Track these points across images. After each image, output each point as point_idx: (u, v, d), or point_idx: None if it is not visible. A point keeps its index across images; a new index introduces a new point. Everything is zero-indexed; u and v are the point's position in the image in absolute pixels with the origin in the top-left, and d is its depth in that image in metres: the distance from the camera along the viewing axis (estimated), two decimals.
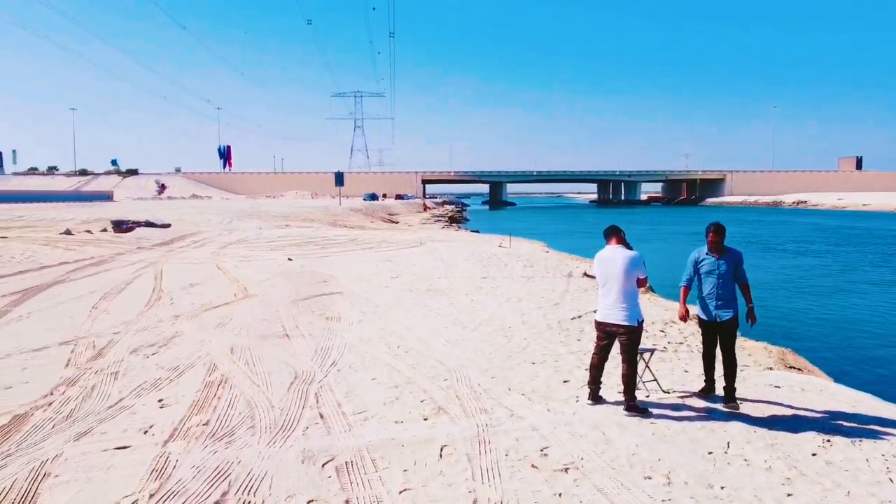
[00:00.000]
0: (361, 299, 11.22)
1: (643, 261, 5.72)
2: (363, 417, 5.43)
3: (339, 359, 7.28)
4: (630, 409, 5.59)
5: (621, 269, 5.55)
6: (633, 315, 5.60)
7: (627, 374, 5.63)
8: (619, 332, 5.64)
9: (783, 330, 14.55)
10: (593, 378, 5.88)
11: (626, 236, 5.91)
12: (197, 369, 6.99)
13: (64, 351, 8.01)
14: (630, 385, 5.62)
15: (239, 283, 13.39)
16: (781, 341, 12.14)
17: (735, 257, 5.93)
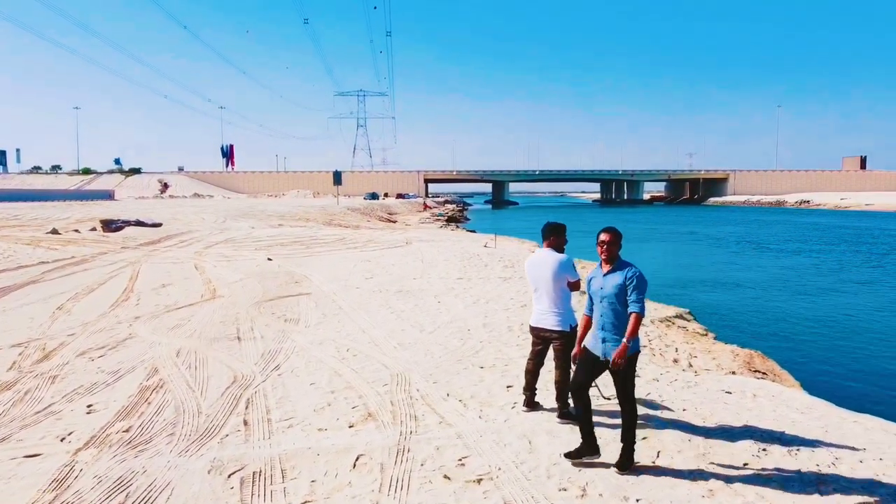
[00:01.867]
0: (328, 300, 11.09)
1: (572, 263, 5.53)
2: (288, 424, 5.30)
3: (283, 363, 7.15)
4: (563, 417, 5.44)
5: (550, 273, 5.39)
6: (566, 320, 5.44)
7: (560, 381, 5.47)
8: (552, 337, 5.48)
9: (764, 331, 14.37)
10: (528, 384, 5.73)
11: (563, 237, 5.71)
12: (137, 373, 6.87)
13: (12, 354, 7.90)
14: (562, 391, 5.46)
15: (211, 283, 13.27)
16: (756, 343, 11.98)
17: (625, 274, 4.52)
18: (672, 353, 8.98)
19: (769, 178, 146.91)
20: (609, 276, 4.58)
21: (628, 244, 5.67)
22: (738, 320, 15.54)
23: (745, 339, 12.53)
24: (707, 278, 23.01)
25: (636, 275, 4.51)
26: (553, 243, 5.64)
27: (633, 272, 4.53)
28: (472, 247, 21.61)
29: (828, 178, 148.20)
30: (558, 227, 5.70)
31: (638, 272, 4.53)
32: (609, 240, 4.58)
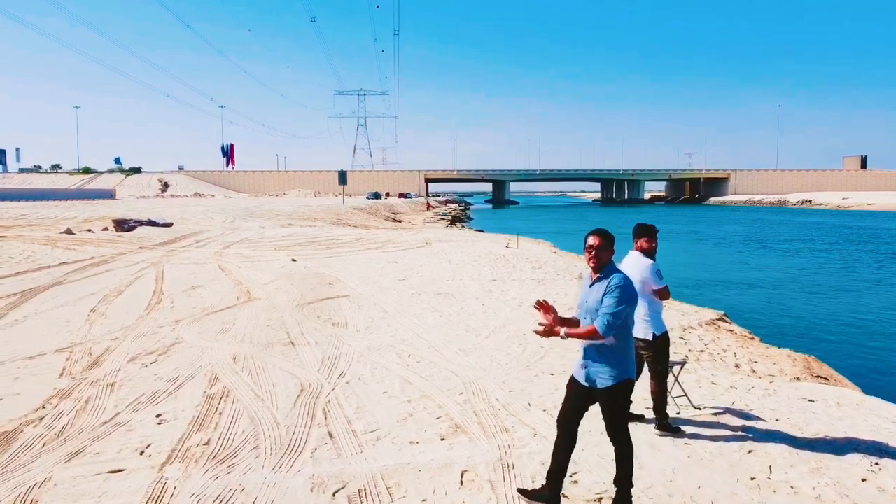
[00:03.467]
0: (369, 303, 10.84)
1: (657, 270, 5.26)
2: (375, 437, 5.05)
3: (347, 369, 6.90)
4: (662, 428, 5.21)
5: (637, 279, 5.16)
6: (650, 328, 5.20)
7: (654, 391, 5.25)
8: (638, 346, 5.24)
9: (799, 332, 14.16)
10: None
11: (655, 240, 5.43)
12: (197, 380, 6.62)
13: (59, 359, 7.66)
14: (661, 402, 5.23)
15: (242, 285, 13.02)
16: (796, 345, 11.77)
17: (608, 282, 3.82)
18: (731, 357, 8.76)
19: (770, 178, 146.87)
20: (594, 287, 3.85)
21: (628, 244, 5.46)
22: (768, 322, 15.31)
23: (786, 341, 12.32)
24: (722, 279, 22.82)
25: (619, 284, 3.73)
26: (643, 246, 5.38)
27: (616, 279, 3.76)
28: (493, 247, 21.37)
29: (829, 177, 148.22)
30: (650, 229, 5.42)
31: (622, 279, 3.77)
32: (598, 244, 3.83)
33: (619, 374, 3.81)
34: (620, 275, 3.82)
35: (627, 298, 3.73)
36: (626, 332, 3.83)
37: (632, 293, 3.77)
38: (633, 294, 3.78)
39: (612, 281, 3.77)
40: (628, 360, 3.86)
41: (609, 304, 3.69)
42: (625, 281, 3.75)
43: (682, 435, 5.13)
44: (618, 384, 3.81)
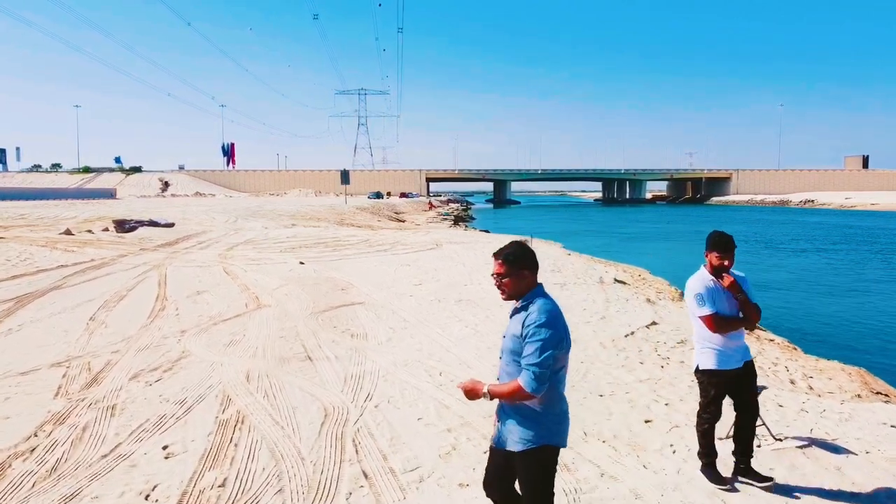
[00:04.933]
0: (387, 311, 10.15)
1: (700, 294, 4.33)
2: (417, 477, 4.37)
3: (374, 390, 6.21)
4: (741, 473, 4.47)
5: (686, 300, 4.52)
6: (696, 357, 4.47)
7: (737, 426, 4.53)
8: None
9: (834, 340, 13.49)
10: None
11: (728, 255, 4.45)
12: (208, 403, 5.94)
13: (55, 375, 6.98)
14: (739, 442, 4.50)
15: (249, 290, 12.34)
16: (845, 356, 11.10)
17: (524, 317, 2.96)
18: (784, 372, 8.08)
19: (771, 178, 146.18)
20: (513, 319, 2.93)
21: (634, 244, 4.71)
22: (798, 328, 14.63)
23: (828, 350, 11.64)
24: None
25: (540, 321, 2.77)
26: (711, 262, 4.45)
27: (535, 314, 2.80)
28: None
29: (830, 177, 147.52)
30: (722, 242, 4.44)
31: (544, 312, 2.80)
32: (501, 272, 2.91)
33: (536, 438, 2.85)
34: (544, 305, 2.83)
35: (554, 340, 2.76)
36: (554, 382, 2.86)
37: (559, 330, 2.80)
38: (560, 332, 2.81)
39: (531, 315, 2.79)
40: (551, 420, 2.89)
41: (530, 351, 2.74)
42: (548, 315, 2.78)
43: (769, 483, 4.34)
44: (532, 450, 2.86)
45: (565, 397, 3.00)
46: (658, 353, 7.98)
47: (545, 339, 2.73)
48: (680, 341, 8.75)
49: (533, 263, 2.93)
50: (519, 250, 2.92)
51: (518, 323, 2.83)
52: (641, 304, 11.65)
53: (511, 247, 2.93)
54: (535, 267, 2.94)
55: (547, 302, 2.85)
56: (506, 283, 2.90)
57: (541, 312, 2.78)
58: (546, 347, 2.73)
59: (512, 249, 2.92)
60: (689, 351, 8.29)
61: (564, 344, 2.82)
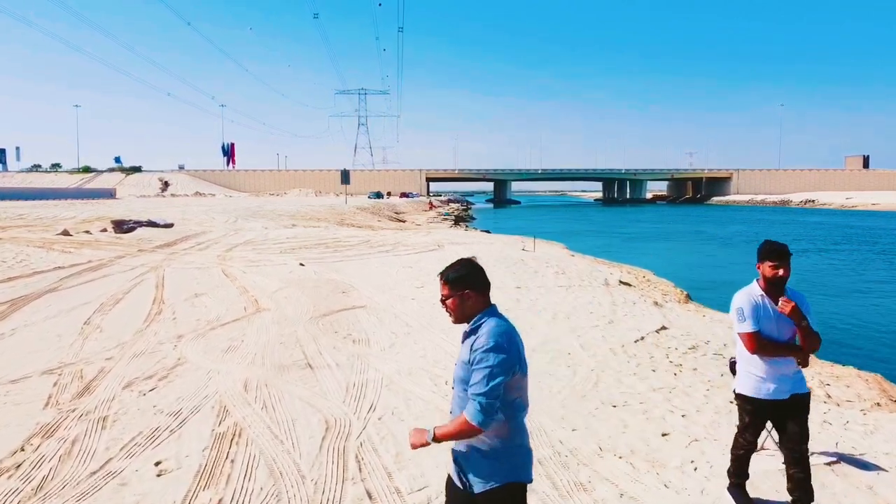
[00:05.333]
0: (389, 315, 9.90)
1: (741, 308, 3.86)
2: (425, 498, 4.12)
3: (377, 401, 5.96)
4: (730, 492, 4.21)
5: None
6: (735, 380, 4.08)
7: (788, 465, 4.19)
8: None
9: (844, 343, 13.24)
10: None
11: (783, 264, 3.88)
12: (204, 414, 5.68)
13: (46, 383, 6.73)
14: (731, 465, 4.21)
15: (249, 293, 12.08)
16: (859, 361, 10.85)
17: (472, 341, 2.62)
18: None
19: (772, 178, 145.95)
20: (464, 344, 2.61)
21: (635, 244, 4.43)
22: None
23: (841, 355, 11.38)
24: (739, 281, 21.89)
25: (487, 346, 2.47)
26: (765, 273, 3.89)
27: (483, 337, 2.50)
28: (508, 250, 20.43)
29: (831, 177, 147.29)
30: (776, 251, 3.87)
31: (492, 335, 2.50)
32: (444, 292, 2.66)
33: (499, 475, 2.55)
34: (495, 327, 2.53)
35: (504, 365, 2.45)
36: (510, 412, 2.53)
37: (510, 355, 2.48)
38: (512, 356, 2.49)
39: (479, 339, 2.50)
40: (514, 453, 2.57)
41: (477, 379, 2.44)
42: (498, 338, 2.48)
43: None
44: (496, 489, 2.55)
45: (526, 429, 2.64)
46: (670, 360, 7.73)
47: (493, 366, 2.43)
48: (691, 347, 8.50)
49: (478, 282, 2.62)
50: (462, 269, 2.63)
51: (467, 348, 2.54)
52: (649, 307, 11.40)
53: (455, 265, 2.66)
54: (480, 286, 2.63)
55: (499, 323, 2.55)
56: (449, 305, 2.63)
57: (490, 335, 2.49)
58: (494, 374, 2.43)
59: (454, 268, 2.65)
60: (700, 357, 8.05)
61: (518, 369, 2.50)
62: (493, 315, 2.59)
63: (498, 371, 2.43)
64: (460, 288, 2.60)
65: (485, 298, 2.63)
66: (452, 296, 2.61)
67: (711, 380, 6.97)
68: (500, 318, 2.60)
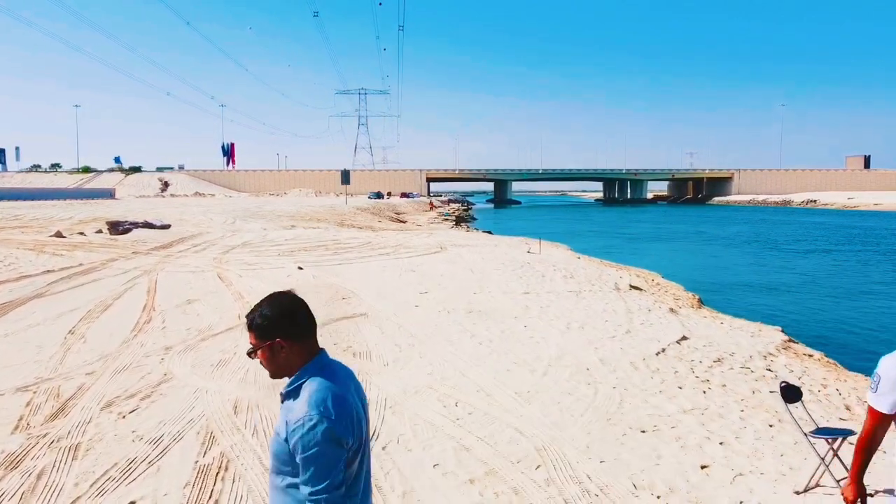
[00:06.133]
0: (392, 325, 9.32)
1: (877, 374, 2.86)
2: None
3: (380, 426, 5.38)
4: None
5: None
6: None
7: None
8: None
9: (863, 350, 12.71)
10: None
11: None
12: (188, 442, 5.10)
13: (18, 402, 6.16)
14: None
15: (243, 299, 11.51)
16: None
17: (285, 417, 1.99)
18: (836, 396, 7.24)
19: (773, 178, 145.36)
20: (281, 410, 2.02)
21: (637, 244, 3.90)
22: (824, 337, 13.81)
23: (863, 364, 10.83)
24: (745, 282, 21.54)
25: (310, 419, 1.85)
26: None
27: (303, 408, 1.88)
28: (514, 253, 19.85)
29: (832, 177, 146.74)
30: None
31: (316, 405, 1.87)
32: (251, 342, 2.02)
33: None
34: (315, 391, 1.90)
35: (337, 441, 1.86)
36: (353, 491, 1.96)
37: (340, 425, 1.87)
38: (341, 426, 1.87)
39: (296, 410, 1.89)
40: None
41: (307, 474, 1.84)
42: (319, 408, 1.85)
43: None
44: None
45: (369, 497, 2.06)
46: (696, 375, 7.15)
47: (323, 453, 1.82)
48: (716, 360, 7.93)
49: (293, 327, 1.98)
50: (270, 310, 1.98)
51: (282, 419, 1.92)
52: (665, 314, 10.82)
53: (262, 303, 2.01)
54: (297, 332, 1.99)
55: (323, 384, 1.91)
56: (260, 358, 2.00)
57: (310, 405, 1.85)
58: (328, 462, 1.83)
59: (260, 308, 1.99)
60: (727, 371, 7.48)
61: (353, 438, 1.90)
62: (316, 371, 1.96)
63: (331, 455, 1.83)
64: (269, 336, 1.96)
65: (305, 347, 2.00)
66: (260, 347, 1.97)
67: (745, 398, 6.40)
68: (326, 374, 1.96)
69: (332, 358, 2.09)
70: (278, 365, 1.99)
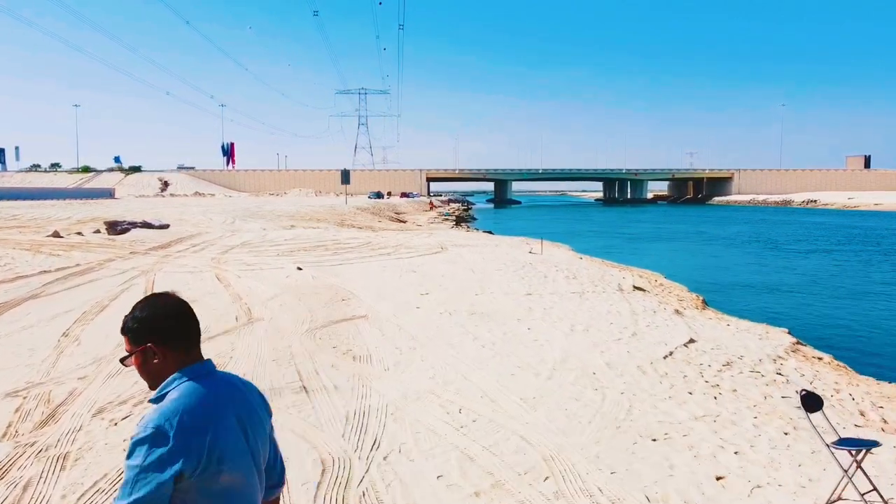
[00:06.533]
0: (392, 326, 9.12)
1: None
2: None
3: (381, 434, 5.18)
4: None
5: None
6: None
7: None
8: None
9: (874, 353, 12.52)
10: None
11: None
12: None
13: (7, 408, 5.97)
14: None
15: (242, 300, 11.31)
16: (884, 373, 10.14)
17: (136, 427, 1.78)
18: (849, 401, 7.05)
19: (773, 178, 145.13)
20: None
21: (638, 244, 3.73)
22: (832, 338, 13.62)
23: (873, 368, 10.63)
24: (747, 282, 21.40)
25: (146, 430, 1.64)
26: None
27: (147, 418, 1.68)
28: (515, 253, 19.65)
29: (832, 177, 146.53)
30: None
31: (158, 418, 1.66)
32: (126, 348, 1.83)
33: None
34: (173, 401, 1.70)
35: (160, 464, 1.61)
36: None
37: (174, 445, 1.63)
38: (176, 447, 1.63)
39: (139, 424, 1.67)
40: None
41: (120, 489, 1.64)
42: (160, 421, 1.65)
43: None
44: None
45: None
46: (705, 380, 6.96)
47: (140, 468, 1.60)
48: (725, 363, 7.74)
49: (169, 331, 1.78)
50: (143, 313, 1.79)
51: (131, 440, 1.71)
52: (670, 316, 10.63)
53: (138, 306, 1.82)
54: (172, 336, 1.79)
55: (183, 395, 1.71)
56: (134, 366, 1.80)
57: (154, 415, 1.66)
58: (142, 483, 1.59)
59: (134, 311, 1.81)
60: (737, 375, 7.29)
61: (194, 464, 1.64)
62: (188, 379, 1.75)
63: (150, 471, 1.60)
64: (141, 340, 1.77)
65: (182, 355, 1.79)
66: (133, 352, 1.79)
67: (757, 404, 6.20)
68: (199, 384, 1.75)
69: (222, 371, 1.87)
70: (151, 374, 1.78)
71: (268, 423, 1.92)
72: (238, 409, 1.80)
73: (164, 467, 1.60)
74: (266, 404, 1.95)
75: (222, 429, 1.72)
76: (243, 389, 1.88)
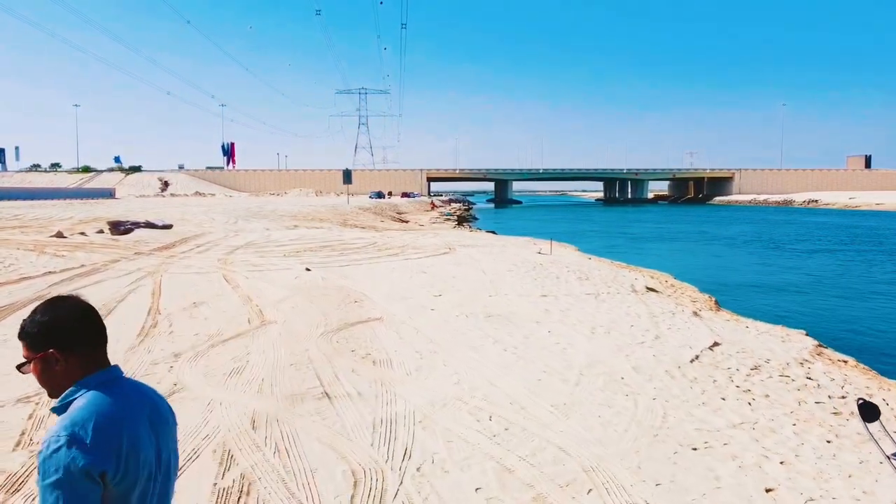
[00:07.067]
0: (409, 329, 8.92)
1: None
2: None
3: (412, 443, 4.98)
4: None
5: None
6: None
7: None
8: None
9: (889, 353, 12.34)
10: None
11: None
12: (204, 461, 4.71)
13: (20, 415, 5.78)
14: None
15: (252, 302, 11.11)
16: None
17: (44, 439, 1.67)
18: (884, 407, 6.84)
19: (774, 177, 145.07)
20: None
21: (641, 244, 3.54)
22: (850, 339, 13.44)
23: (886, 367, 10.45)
24: (754, 283, 21.24)
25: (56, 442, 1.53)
26: None
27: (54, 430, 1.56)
28: (524, 253, 19.45)
29: (833, 176, 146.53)
30: None
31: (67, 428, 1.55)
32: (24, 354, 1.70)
33: None
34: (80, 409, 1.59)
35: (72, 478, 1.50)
36: None
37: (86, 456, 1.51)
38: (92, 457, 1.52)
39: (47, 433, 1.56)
40: None
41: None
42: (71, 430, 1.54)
43: None
44: None
45: None
46: (736, 385, 6.77)
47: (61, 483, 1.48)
48: (753, 367, 7.54)
49: (71, 336, 1.67)
50: (43, 317, 1.68)
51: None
52: (690, 318, 10.44)
53: (37, 310, 1.71)
54: (75, 341, 1.68)
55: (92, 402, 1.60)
56: (33, 373, 1.68)
57: (64, 424, 1.55)
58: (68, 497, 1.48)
59: (33, 317, 1.69)
60: (767, 380, 7.10)
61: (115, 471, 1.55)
62: (96, 386, 1.65)
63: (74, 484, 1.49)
64: (41, 346, 1.66)
65: (86, 361, 1.69)
66: (32, 358, 1.67)
67: (793, 410, 6.01)
68: (108, 391, 1.64)
69: (129, 378, 1.77)
70: (53, 381, 1.67)
71: (176, 432, 1.86)
72: (150, 414, 1.73)
73: (84, 481, 1.51)
74: (173, 414, 1.86)
75: (136, 434, 1.64)
76: (153, 396, 1.81)
